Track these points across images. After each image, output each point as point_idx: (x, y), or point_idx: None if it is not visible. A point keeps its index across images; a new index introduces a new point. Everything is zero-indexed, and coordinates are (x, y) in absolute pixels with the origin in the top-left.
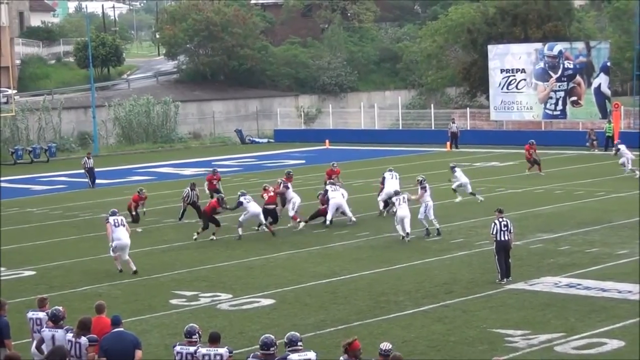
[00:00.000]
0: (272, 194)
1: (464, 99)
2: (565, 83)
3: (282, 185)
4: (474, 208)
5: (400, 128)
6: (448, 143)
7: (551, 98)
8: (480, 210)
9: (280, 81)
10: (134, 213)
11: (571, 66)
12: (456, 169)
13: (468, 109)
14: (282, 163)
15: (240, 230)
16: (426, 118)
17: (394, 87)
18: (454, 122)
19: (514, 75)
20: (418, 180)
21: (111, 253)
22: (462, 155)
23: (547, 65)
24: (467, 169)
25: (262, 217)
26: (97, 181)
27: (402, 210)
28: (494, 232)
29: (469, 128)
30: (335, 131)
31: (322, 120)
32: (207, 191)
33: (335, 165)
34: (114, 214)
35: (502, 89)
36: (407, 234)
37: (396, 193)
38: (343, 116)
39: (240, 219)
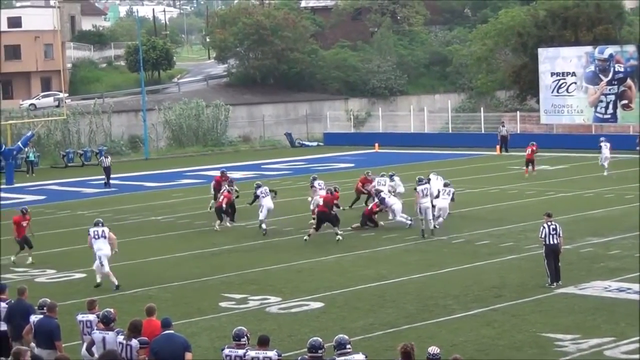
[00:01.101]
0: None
1: (513, 103)
2: (616, 86)
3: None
4: (522, 212)
5: (450, 131)
6: (498, 147)
7: (602, 101)
8: (530, 214)
9: (330, 84)
10: (225, 210)
11: (622, 69)
12: (394, 177)
13: (518, 112)
14: (332, 166)
15: (264, 225)
16: (476, 121)
17: (444, 90)
18: (503, 126)
19: (564, 79)
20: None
21: (95, 266)
22: (511, 158)
23: (597, 68)
24: (517, 172)
25: (263, 215)
26: (149, 184)
27: (441, 202)
28: (543, 236)
29: (519, 131)
30: (385, 135)
31: (372, 124)
32: (212, 192)
33: (369, 174)
34: (97, 224)
35: (552, 92)
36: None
37: (445, 185)
38: (393, 119)
39: (261, 217)
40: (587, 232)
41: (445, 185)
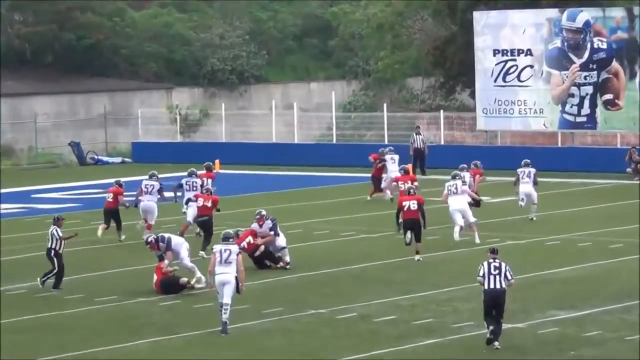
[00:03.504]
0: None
1: (434, 97)
2: (595, 72)
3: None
4: (449, 276)
5: (334, 141)
6: (409, 166)
7: (572, 96)
8: (460, 277)
9: (144, 65)
10: None
11: (604, 46)
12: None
13: (442, 112)
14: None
15: None
16: (375, 126)
17: (325, 76)
18: (418, 133)
19: (514, 60)
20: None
21: None
22: (431, 184)
23: (566, 43)
24: (442, 207)
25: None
26: None
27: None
28: (482, 275)
29: (442, 142)
30: (232, 146)
31: (210, 129)
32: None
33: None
34: None
35: (495, 80)
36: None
37: (526, 165)
38: (244, 122)
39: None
40: (549, 303)
41: (526, 165)
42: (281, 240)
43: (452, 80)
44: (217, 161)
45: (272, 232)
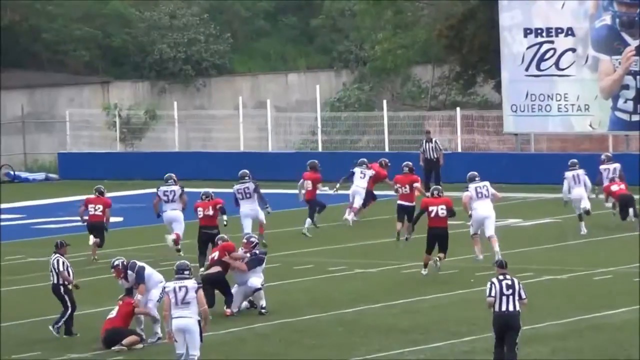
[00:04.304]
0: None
1: (449, 91)
2: None
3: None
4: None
5: (320, 150)
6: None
7: (627, 88)
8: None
9: (72, 54)
10: None
11: None
12: None
13: (459, 110)
14: (72, 225)
15: None
16: (372, 129)
17: (308, 65)
18: (429, 141)
19: (552, 42)
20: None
21: None
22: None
23: (618, 20)
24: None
25: None
26: None
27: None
28: (493, 294)
29: (460, 149)
30: (187, 157)
31: (160, 135)
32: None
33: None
34: None
35: (527, 69)
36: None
37: (572, 165)
38: (203, 126)
39: None
40: (600, 354)
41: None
42: (256, 281)
43: (471, 70)
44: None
45: (246, 263)
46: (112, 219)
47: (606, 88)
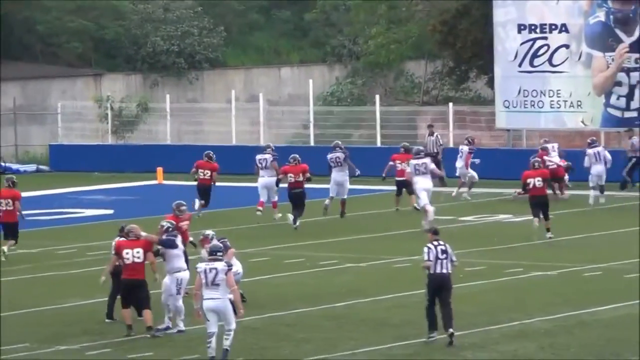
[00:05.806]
0: None
1: (442, 86)
2: None
3: None
4: None
5: (312, 144)
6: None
7: (620, 85)
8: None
9: (65, 46)
10: None
11: None
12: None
13: (451, 105)
14: (71, 215)
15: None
16: (366, 124)
17: (301, 59)
18: (431, 134)
19: (545, 38)
20: None
21: None
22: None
23: (612, 17)
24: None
25: None
26: None
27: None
28: (431, 258)
29: (452, 144)
30: (178, 150)
31: (152, 128)
32: None
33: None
34: None
35: (520, 65)
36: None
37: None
38: (195, 119)
39: None
40: (589, 351)
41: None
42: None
43: (464, 65)
44: (159, 169)
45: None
46: (100, 212)
47: (599, 85)
